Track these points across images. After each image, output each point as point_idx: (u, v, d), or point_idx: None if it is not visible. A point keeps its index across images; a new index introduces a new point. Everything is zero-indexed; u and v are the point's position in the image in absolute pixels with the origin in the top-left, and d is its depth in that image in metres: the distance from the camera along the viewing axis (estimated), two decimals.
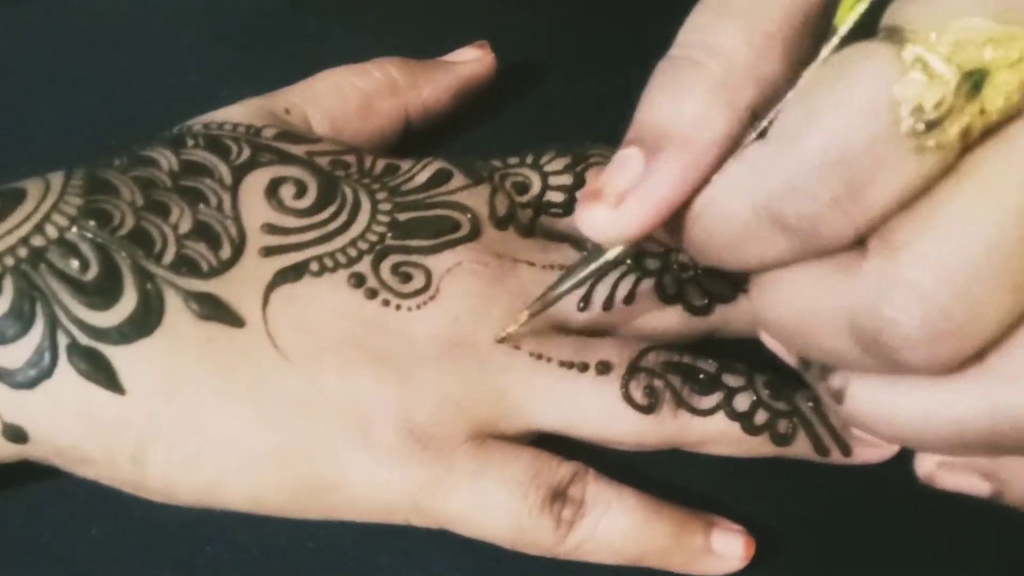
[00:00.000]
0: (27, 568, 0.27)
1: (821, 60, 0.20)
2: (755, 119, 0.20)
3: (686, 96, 0.20)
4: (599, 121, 0.35)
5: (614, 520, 0.27)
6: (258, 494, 0.27)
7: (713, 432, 0.28)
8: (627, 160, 0.21)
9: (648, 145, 0.21)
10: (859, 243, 0.19)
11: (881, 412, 0.20)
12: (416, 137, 0.35)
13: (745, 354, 0.29)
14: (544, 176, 0.32)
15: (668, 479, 0.28)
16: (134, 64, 0.39)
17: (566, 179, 0.32)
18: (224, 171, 0.30)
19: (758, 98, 0.20)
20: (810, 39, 0.20)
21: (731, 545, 0.27)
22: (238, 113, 0.32)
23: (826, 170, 0.18)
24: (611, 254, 0.24)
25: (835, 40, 0.20)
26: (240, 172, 0.30)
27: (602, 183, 0.21)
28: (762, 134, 0.20)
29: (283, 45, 0.36)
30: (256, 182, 0.30)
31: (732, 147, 0.20)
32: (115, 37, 0.40)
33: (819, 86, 0.19)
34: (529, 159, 0.33)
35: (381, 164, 0.32)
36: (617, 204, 0.21)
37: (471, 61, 0.36)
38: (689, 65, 0.20)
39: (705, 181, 0.20)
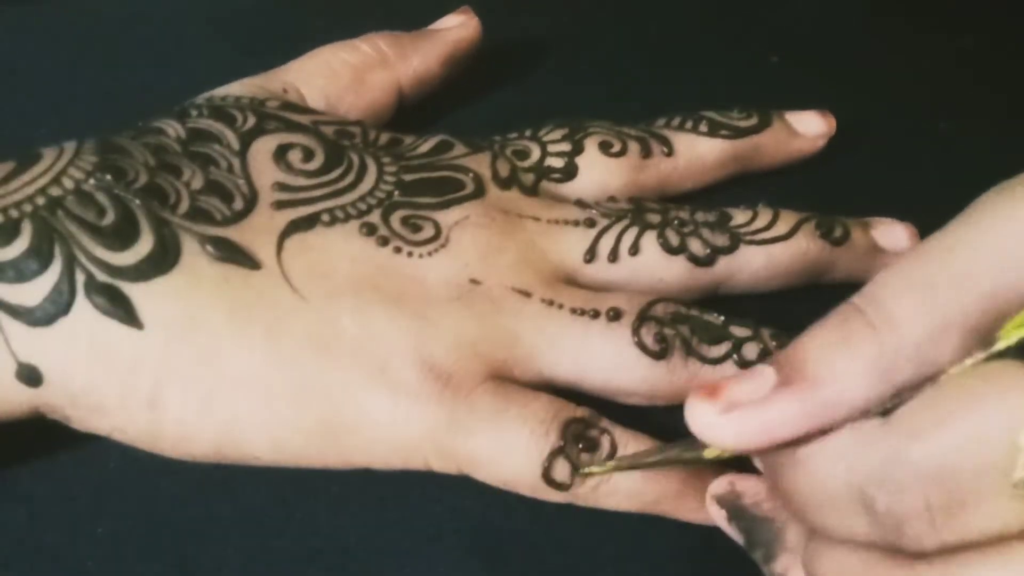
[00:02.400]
0: (31, 569, 0.27)
1: (969, 364, 0.19)
2: (898, 395, 0.20)
3: (846, 353, 0.20)
4: (597, 107, 0.36)
5: None
6: (275, 436, 0.27)
7: None
8: (759, 375, 0.21)
9: (786, 373, 0.20)
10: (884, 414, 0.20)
11: None
12: (411, 122, 0.35)
13: (748, 312, 0.30)
14: (543, 145, 0.33)
15: (678, 430, 0.29)
16: (135, 64, 0.39)
17: (565, 146, 0.33)
18: (231, 137, 0.30)
19: (914, 379, 0.20)
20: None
21: None
22: (239, 89, 0.33)
23: (927, 478, 0.19)
24: (708, 455, 0.23)
25: (988, 352, 0.19)
26: (247, 138, 0.30)
27: (723, 383, 0.21)
28: (887, 412, 0.20)
29: (283, 45, 0.36)
30: (264, 147, 0.30)
31: (863, 413, 0.20)
32: (116, 37, 0.41)
33: (955, 395, 0.19)
34: (528, 132, 0.34)
35: (385, 136, 0.33)
36: (726, 411, 0.21)
37: (456, 27, 0.37)
38: (863, 325, 0.20)
39: (820, 434, 0.20)
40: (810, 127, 0.35)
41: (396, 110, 0.36)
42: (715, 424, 0.21)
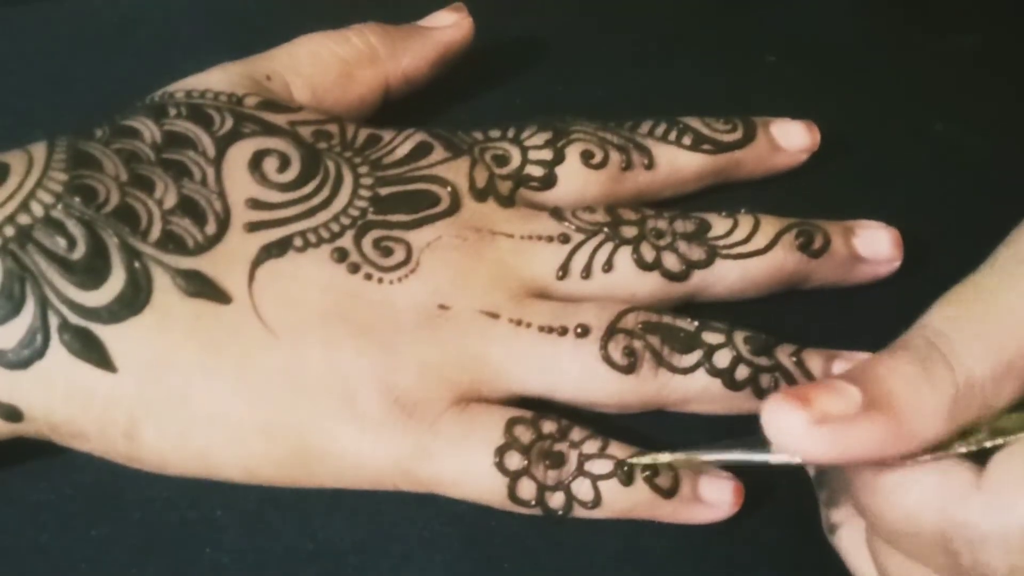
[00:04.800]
0: (26, 569, 0.27)
1: None
2: (962, 435, 0.21)
3: (930, 391, 0.21)
4: (589, 105, 0.36)
5: (600, 474, 0.27)
6: (248, 465, 0.27)
7: (695, 389, 0.29)
8: (847, 394, 0.21)
9: (872, 398, 0.21)
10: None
11: (853, 559, 0.25)
12: (396, 113, 0.35)
13: (722, 316, 0.30)
14: (524, 150, 0.33)
15: (653, 437, 0.29)
16: (134, 64, 0.39)
17: (546, 154, 0.33)
18: (207, 143, 0.30)
19: (976, 421, 0.21)
20: None
21: (720, 492, 0.27)
22: (219, 79, 0.32)
23: (1017, 549, 0.20)
24: (774, 459, 0.24)
25: None
26: (223, 143, 0.30)
27: (810, 393, 0.21)
28: (970, 456, 0.21)
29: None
30: (239, 154, 0.30)
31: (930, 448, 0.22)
32: (115, 37, 0.41)
33: None
34: (510, 133, 0.33)
35: (363, 134, 0.32)
36: (818, 423, 0.21)
37: (449, 27, 0.36)
38: (942, 364, 0.21)
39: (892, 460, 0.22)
40: (793, 141, 0.34)
41: (380, 106, 0.35)
42: (804, 435, 0.21)
